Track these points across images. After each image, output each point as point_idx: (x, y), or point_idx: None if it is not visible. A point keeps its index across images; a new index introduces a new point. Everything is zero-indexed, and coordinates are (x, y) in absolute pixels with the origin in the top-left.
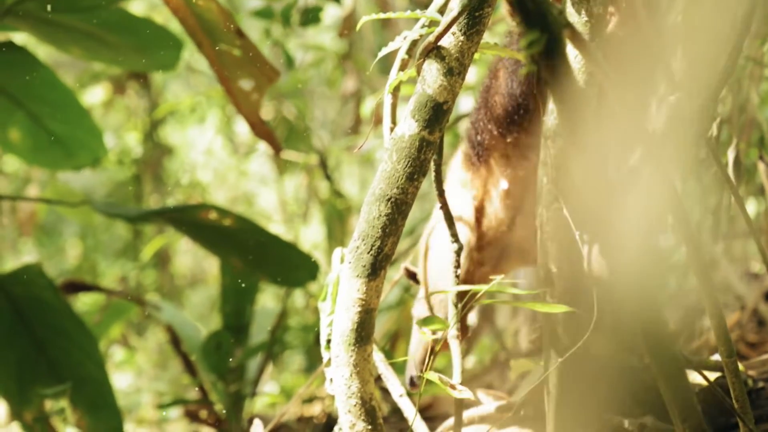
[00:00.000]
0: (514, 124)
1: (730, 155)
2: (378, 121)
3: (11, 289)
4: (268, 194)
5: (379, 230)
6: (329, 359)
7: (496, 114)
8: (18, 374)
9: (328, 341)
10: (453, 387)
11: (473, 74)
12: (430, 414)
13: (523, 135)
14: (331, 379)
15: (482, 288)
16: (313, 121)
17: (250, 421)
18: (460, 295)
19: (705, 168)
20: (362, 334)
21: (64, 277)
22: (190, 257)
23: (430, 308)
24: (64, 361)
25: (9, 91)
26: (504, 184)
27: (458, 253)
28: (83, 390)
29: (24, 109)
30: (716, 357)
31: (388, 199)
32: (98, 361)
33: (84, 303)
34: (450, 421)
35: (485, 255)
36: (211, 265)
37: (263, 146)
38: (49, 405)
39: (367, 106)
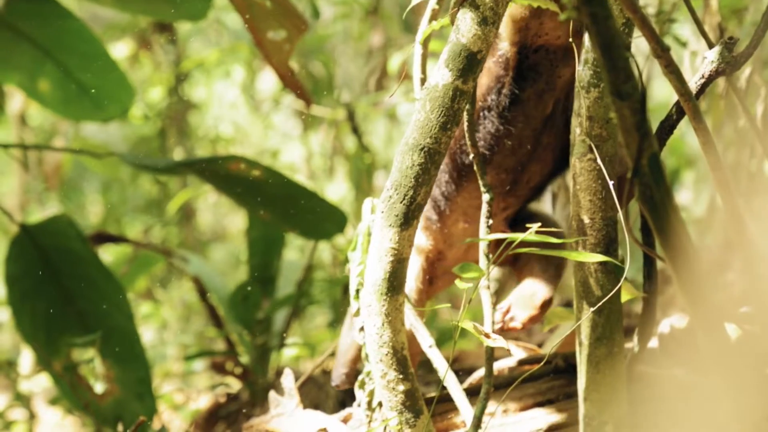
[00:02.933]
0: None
1: (759, 108)
2: (404, 76)
3: (40, 239)
4: (292, 150)
5: (412, 180)
6: (358, 308)
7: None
8: (46, 325)
9: (357, 291)
10: (487, 336)
11: None
12: (456, 368)
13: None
14: (361, 328)
15: (516, 236)
16: (336, 77)
17: (277, 374)
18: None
19: (728, 121)
20: (394, 284)
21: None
22: (211, 214)
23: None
24: (92, 312)
25: (39, 42)
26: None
27: (490, 203)
28: (111, 341)
29: (53, 60)
30: (744, 309)
31: (422, 149)
32: (127, 312)
33: (110, 255)
34: (478, 373)
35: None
36: (231, 222)
37: (288, 101)
38: (77, 355)
39: (394, 62)
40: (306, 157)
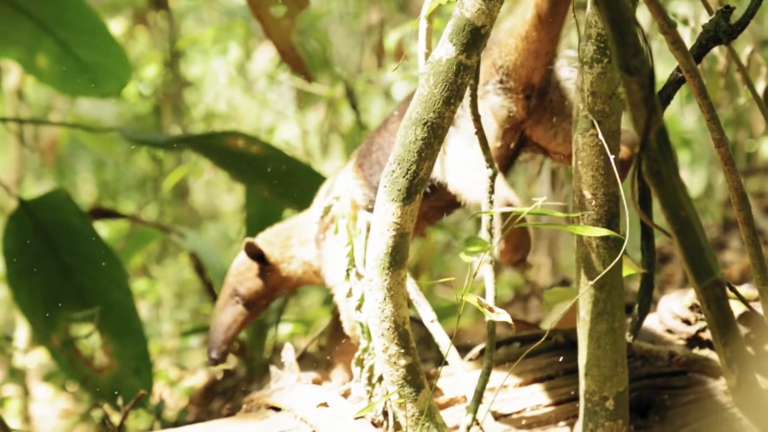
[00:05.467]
0: None
1: (760, 86)
2: (404, 56)
3: (38, 214)
4: (287, 128)
5: (415, 154)
6: (350, 289)
7: None
8: (44, 299)
9: (347, 271)
10: (491, 310)
11: None
12: (454, 344)
13: None
14: (358, 306)
15: (521, 210)
16: (331, 56)
17: (274, 350)
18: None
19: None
20: (396, 258)
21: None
22: (204, 194)
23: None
24: (90, 287)
25: (38, 17)
26: None
27: (492, 178)
28: (110, 316)
29: (52, 36)
30: (745, 286)
31: (425, 123)
32: (125, 287)
33: (107, 232)
34: (478, 349)
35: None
36: (224, 202)
37: (284, 78)
38: (75, 330)
39: (390, 40)
40: (301, 134)
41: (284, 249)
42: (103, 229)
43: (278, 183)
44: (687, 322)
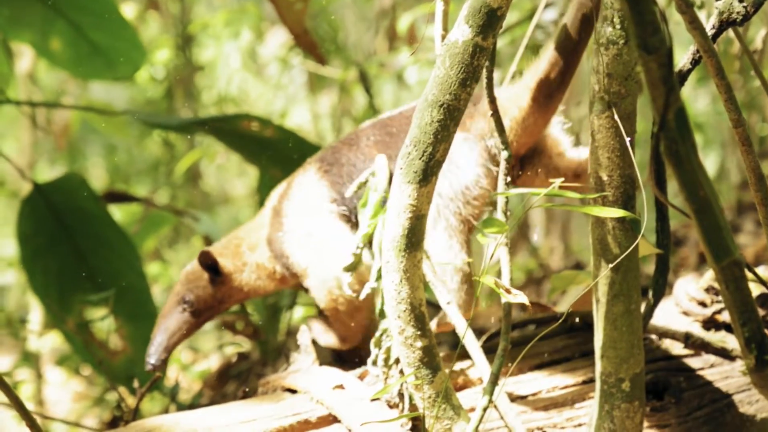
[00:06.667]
0: None
1: None
2: (412, 38)
3: (53, 197)
4: (298, 112)
5: (431, 136)
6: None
7: None
8: (58, 283)
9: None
10: (508, 291)
11: None
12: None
13: None
14: (371, 289)
15: (539, 191)
16: (343, 40)
17: (288, 333)
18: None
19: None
20: (413, 240)
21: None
22: (215, 179)
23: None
24: (105, 270)
25: (51, 0)
26: None
27: (508, 160)
28: (124, 299)
29: (65, 19)
30: (761, 268)
31: (441, 105)
32: (139, 270)
33: (120, 215)
34: (492, 333)
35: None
36: (235, 186)
37: (296, 62)
38: (89, 313)
39: (403, 23)
40: (312, 119)
41: (236, 257)
42: (117, 212)
43: (292, 165)
44: (703, 304)
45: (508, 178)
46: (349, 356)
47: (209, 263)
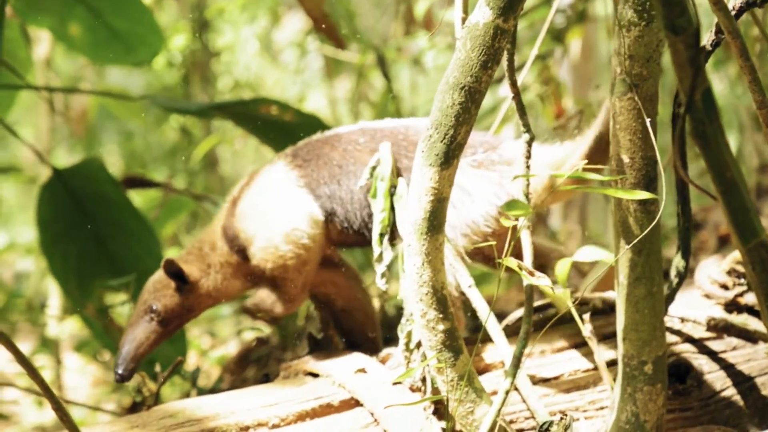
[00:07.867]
0: None
1: None
2: (429, 23)
3: (72, 182)
4: (315, 97)
5: (453, 119)
6: (380, 253)
7: None
8: (78, 268)
9: (381, 235)
10: (531, 274)
11: None
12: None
13: None
14: (383, 274)
15: (562, 174)
16: (360, 24)
17: (307, 318)
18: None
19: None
20: (434, 223)
21: None
22: (231, 165)
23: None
24: (124, 256)
25: None
26: None
27: (529, 143)
28: (143, 284)
29: (84, 4)
30: None
31: (462, 88)
32: (158, 256)
33: (139, 201)
34: (515, 315)
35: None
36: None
37: (313, 47)
38: (108, 299)
39: (420, 7)
40: (329, 104)
41: (200, 261)
42: (136, 198)
43: None
44: (725, 287)
45: (529, 161)
46: (364, 343)
47: (174, 271)
